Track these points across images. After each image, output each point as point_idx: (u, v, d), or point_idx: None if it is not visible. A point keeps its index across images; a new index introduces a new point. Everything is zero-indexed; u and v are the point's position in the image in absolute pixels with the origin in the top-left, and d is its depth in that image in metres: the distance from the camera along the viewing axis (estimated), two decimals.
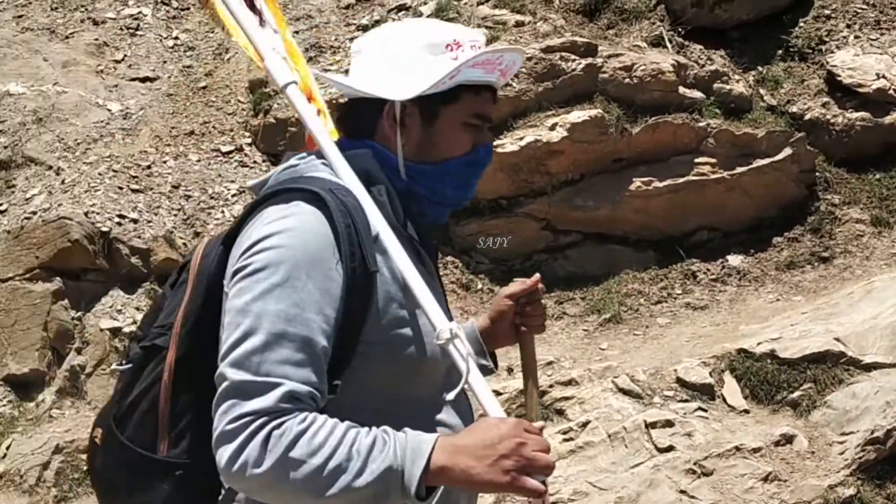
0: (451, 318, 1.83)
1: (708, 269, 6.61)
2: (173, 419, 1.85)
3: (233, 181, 6.74)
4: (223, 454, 1.60)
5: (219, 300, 1.79)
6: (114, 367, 1.78)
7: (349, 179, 1.84)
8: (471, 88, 1.91)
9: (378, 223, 1.79)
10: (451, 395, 1.82)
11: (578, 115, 6.62)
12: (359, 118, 1.95)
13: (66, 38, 7.97)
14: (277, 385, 1.61)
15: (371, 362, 1.77)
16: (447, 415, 1.90)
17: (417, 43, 1.92)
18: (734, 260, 6.67)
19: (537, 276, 2.28)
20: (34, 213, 6.11)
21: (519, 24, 7.05)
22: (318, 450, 1.59)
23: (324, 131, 1.95)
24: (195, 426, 1.84)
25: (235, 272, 1.72)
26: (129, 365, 1.94)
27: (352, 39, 7.38)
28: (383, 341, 1.78)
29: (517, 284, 2.26)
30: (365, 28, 7.40)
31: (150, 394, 1.87)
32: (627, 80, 6.76)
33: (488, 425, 1.68)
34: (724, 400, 5.21)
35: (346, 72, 2.07)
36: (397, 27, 2.01)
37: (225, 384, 1.64)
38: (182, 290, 1.91)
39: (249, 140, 7.05)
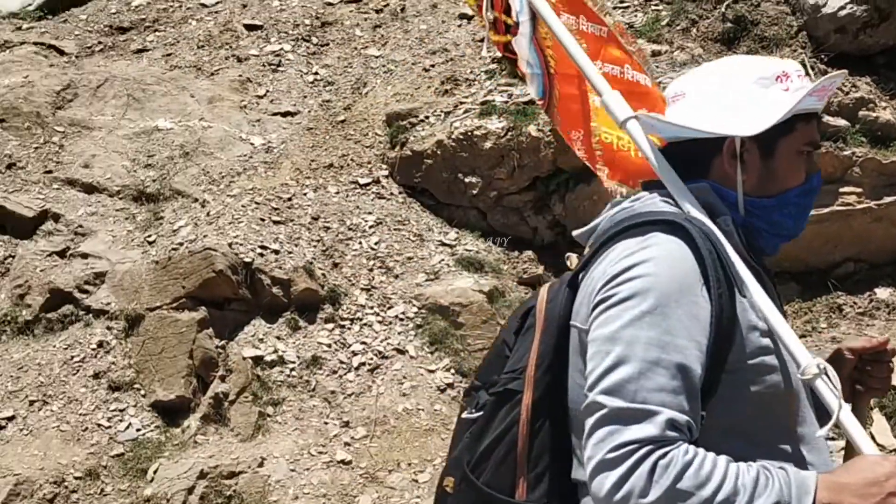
0: None
1: (854, 303, 6.39)
2: (531, 462, 1.86)
3: (370, 213, 6.84)
4: (604, 483, 1.58)
5: (568, 342, 1.82)
6: (464, 415, 1.81)
7: (695, 211, 1.85)
8: (802, 117, 1.92)
9: (731, 253, 1.80)
10: (822, 431, 1.80)
11: None
12: (691, 158, 1.96)
13: (212, 75, 8.26)
14: (656, 413, 1.60)
15: (736, 391, 1.76)
16: (807, 450, 1.86)
17: (749, 78, 1.93)
18: (882, 293, 6.43)
19: (886, 336, 2.19)
20: (181, 244, 6.33)
21: (656, 54, 6.99)
22: (706, 483, 1.57)
23: (667, 165, 1.98)
24: (553, 468, 1.85)
25: (597, 304, 1.73)
26: (480, 412, 1.96)
27: (486, 72, 7.44)
28: (747, 369, 1.76)
29: (863, 340, 2.16)
30: (499, 61, 7.45)
31: (507, 438, 1.88)
32: None
33: (870, 463, 1.64)
34: (873, 438, 5.01)
35: (483, 104, 2.09)
36: (721, 66, 2.03)
37: (601, 412, 1.63)
38: (530, 336, 1.93)
39: (386, 172, 7.16)
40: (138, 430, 5.69)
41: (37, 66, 8.35)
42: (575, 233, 2.09)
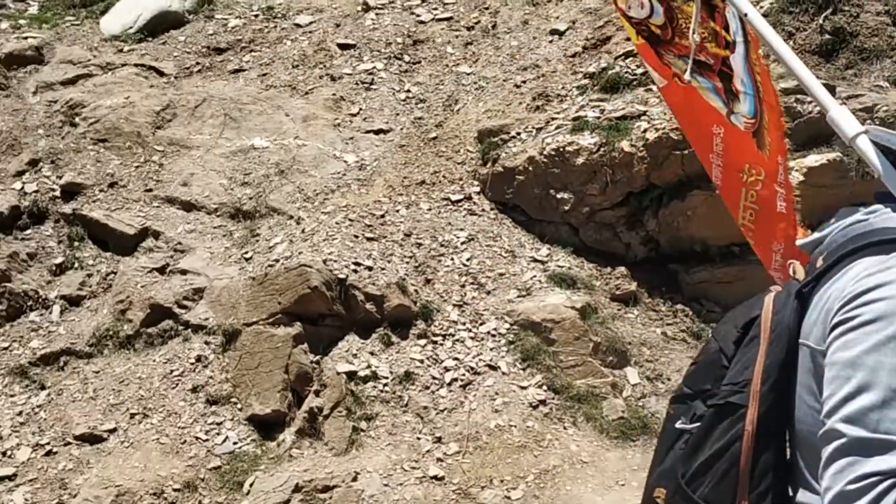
0: None
1: None
2: (754, 480, 1.81)
3: (462, 229, 6.87)
4: None
5: (797, 359, 1.76)
6: (678, 425, 1.76)
7: None
8: None
9: None
10: None
11: (815, 158, 6.39)
12: None
13: (306, 93, 8.39)
14: None
15: None
16: None
17: None
18: None
19: None
20: (277, 260, 6.43)
21: None
22: None
23: None
24: (775, 487, 1.80)
25: (836, 325, 1.66)
26: (697, 424, 1.92)
27: (578, 88, 7.42)
28: None
29: None
30: (591, 76, 7.42)
31: (728, 453, 1.83)
32: (868, 121, 6.47)
33: None
34: None
35: (575, 120, 2.06)
36: None
37: (840, 441, 1.55)
38: (754, 347, 1.87)
39: (478, 188, 7.18)
40: (235, 443, 5.79)
41: (137, 87, 8.58)
42: (799, 242, 2.02)
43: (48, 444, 5.91)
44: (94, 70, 9.06)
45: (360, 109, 8.14)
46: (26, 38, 9.71)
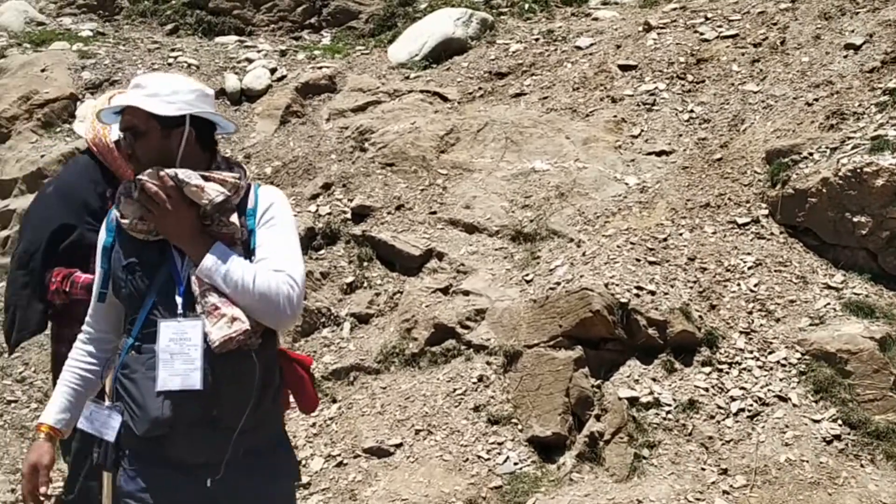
0: None
1: None
2: None
3: (749, 253, 6.62)
4: None
5: None
6: None
7: None
8: None
9: None
10: None
11: None
12: None
13: (587, 116, 8.37)
14: None
15: None
16: None
17: None
18: None
19: None
20: (558, 283, 6.43)
21: None
22: None
23: None
24: None
25: None
26: None
27: (877, 105, 6.99)
28: None
29: None
30: (892, 92, 6.98)
31: None
32: None
33: None
34: None
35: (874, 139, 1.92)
36: None
37: None
38: None
39: (766, 212, 6.90)
40: (516, 463, 5.82)
41: (423, 113, 8.87)
42: None
43: (339, 455, 6.18)
44: (383, 97, 9.46)
45: (642, 131, 8.04)
46: (321, 67, 10.28)
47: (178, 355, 3.01)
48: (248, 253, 3.15)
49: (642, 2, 10.49)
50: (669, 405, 5.88)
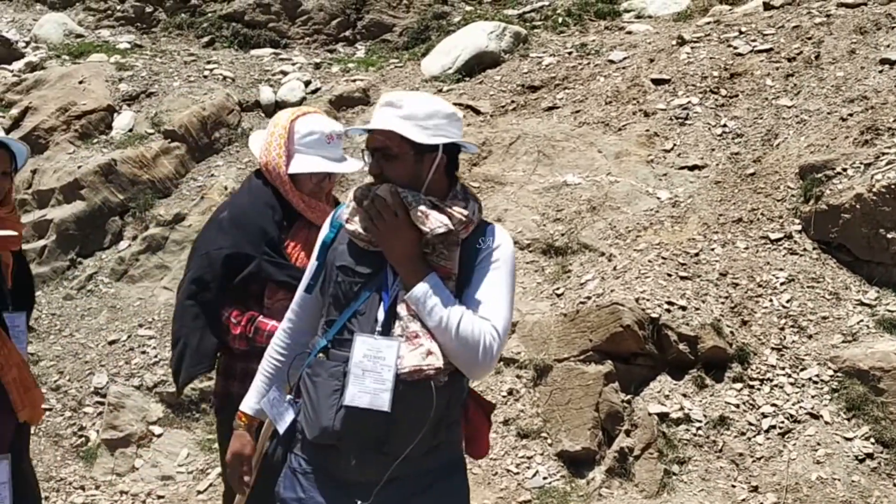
0: None
1: None
2: None
3: (781, 269, 6.58)
4: None
5: None
6: None
7: None
8: None
9: None
10: None
11: None
12: None
13: (619, 130, 8.37)
14: None
15: None
16: None
17: None
18: None
19: None
20: (588, 297, 6.43)
21: None
22: None
23: None
24: None
25: None
26: None
27: None
28: None
29: None
30: None
31: None
32: None
33: None
34: None
35: None
36: None
37: None
38: None
39: (799, 227, 6.86)
40: (545, 478, 5.82)
41: None
42: None
43: None
44: None
45: (674, 145, 8.02)
46: (354, 80, 10.34)
47: (370, 373, 2.97)
48: (460, 289, 3.07)
49: (676, 15, 10.47)
50: (700, 421, 5.85)
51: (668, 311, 6.18)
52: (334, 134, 4.03)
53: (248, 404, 3.42)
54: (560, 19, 11.08)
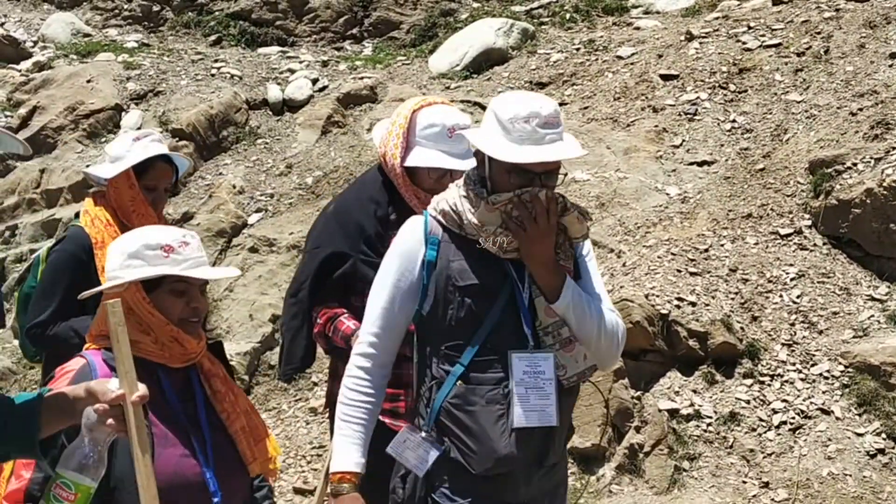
0: None
1: None
2: None
3: (791, 264, 6.56)
4: None
5: None
6: None
7: None
8: None
9: None
10: None
11: None
12: None
13: (627, 126, 8.35)
14: None
15: None
16: None
17: None
18: None
19: None
20: None
21: None
22: None
23: None
24: None
25: None
26: None
27: None
28: None
29: None
30: None
31: None
32: None
33: None
34: None
35: None
36: None
37: None
38: None
39: (809, 222, 6.83)
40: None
41: None
42: None
43: None
44: None
45: (683, 141, 7.99)
46: (362, 78, 10.33)
47: (533, 390, 2.86)
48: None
49: (684, 11, 10.43)
50: (710, 417, 5.84)
51: (678, 307, 6.16)
52: (457, 127, 3.67)
53: (354, 460, 2.99)
54: (568, 15, 11.05)
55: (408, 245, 3.03)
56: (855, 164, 6.80)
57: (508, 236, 2.90)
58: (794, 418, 5.78)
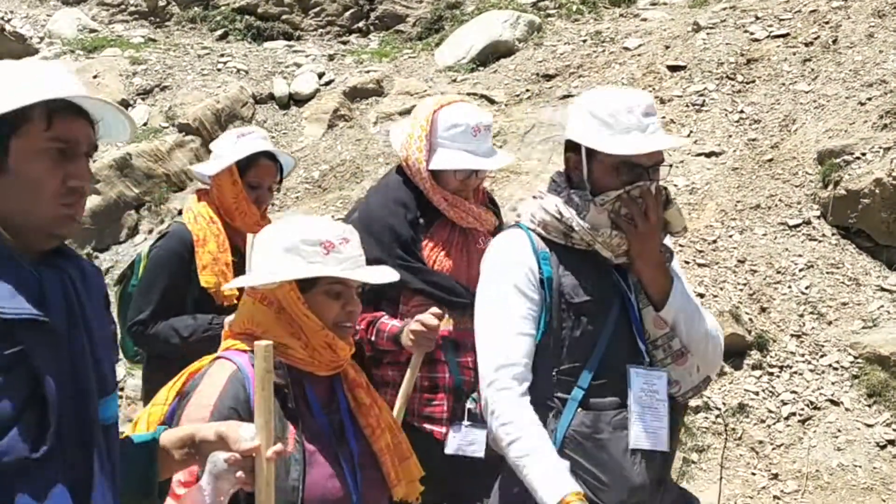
0: None
1: None
2: None
3: (800, 255, 6.53)
4: None
5: None
6: None
7: None
8: None
9: None
10: None
11: None
12: None
13: None
14: None
15: None
16: None
17: None
18: None
19: None
20: None
21: None
22: None
23: None
24: None
25: None
26: None
27: None
28: None
29: None
30: None
31: None
32: None
33: None
34: None
35: None
36: None
37: None
38: None
39: (818, 213, 6.80)
40: None
41: None
42: None
43: None
44: None
45: (691, 132, 7.95)
46: (368, 71, 10.32)
47: (649, 410, 2.68)
48: None
49: (691, 1, 10.39)
50: (719, 409, 5.81)
51: None
52: (481, 126, 3.50)
53: (570, 485, 2.58)
54: (574, 7, 11.01)
55: (522, 262, 2.78)
56: (864, 154, 6.76)
57: (622, 236, 2.73)
58: (803, 409, 5.75)
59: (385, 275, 2.61)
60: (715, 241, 6.66)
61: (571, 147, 2.86)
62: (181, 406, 2.40)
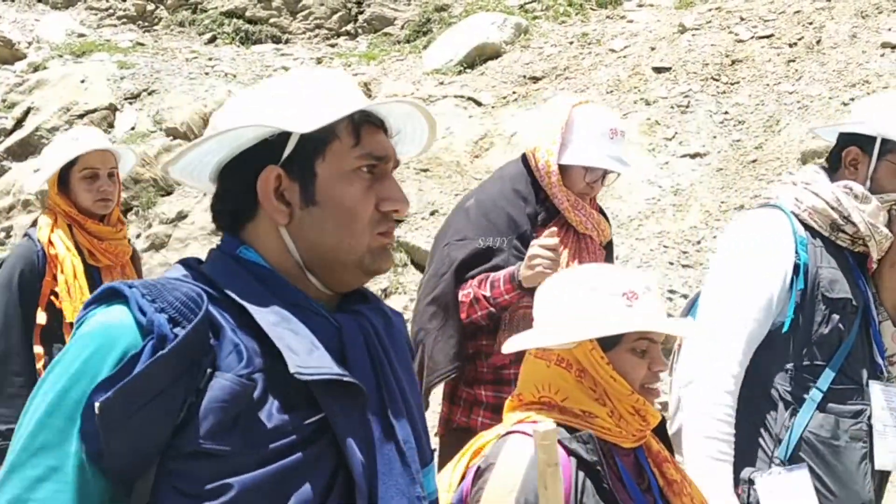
0: None
1: None
2: None
3: None
4: None
5: None
6: None
7: None
8: None
9: None
10: None
11: None
12: None
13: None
14: None
15: None
16: None
17: None
18: None
19: None
20: None
21: None
22: None
23: None
24: None
25: None
26: None
27: None
28: None
29: None
30: None
31: None
32: None
33: None
34: None
35: None
36: None
37: None
38: None
39: None
40: None
41: (457, 118, 8.89)
42: None
43: None
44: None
45: (676, 133, 7.99)
46: (356, 74, 10.33)
47: (892, 427, 2.56)
48: None
49: (677, 3, 10.43)
50: None
51: (671, 299, 6.17)
52: (618, 130, 3.34)
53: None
54: (561, 9, 11.05)
55: (778, 245, 2.63)
56: None
57: (891, 239, 2.63)
58: None
59: (687, 327, 2.51)
60: (699, 242, 6.69)
61: (854, 141, 2.70)
62: (475, 486, 2.08)
